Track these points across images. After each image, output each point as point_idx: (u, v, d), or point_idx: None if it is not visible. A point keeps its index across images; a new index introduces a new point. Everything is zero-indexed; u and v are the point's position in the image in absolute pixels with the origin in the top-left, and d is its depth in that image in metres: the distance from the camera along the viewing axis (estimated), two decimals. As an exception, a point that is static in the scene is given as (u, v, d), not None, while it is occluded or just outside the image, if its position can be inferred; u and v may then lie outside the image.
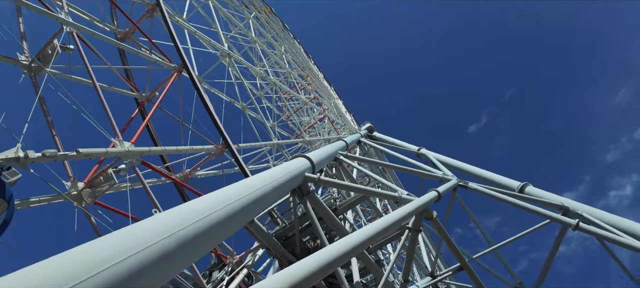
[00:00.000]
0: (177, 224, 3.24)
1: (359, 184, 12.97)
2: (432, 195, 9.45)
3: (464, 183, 14.00)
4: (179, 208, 3.68)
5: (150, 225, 3.09)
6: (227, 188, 4.76)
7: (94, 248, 2.57)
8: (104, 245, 2.64)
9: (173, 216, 3.40)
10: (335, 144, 14.39)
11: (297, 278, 3.42)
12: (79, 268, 2.28)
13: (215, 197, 4.23)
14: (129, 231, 2.94)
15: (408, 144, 25.39)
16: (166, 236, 2.99)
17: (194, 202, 4.05)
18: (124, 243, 2.65)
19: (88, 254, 2.45)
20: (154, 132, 9.48)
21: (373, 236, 5.32)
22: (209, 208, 3.82)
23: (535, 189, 15.95)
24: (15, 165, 6.09)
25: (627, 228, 11.72)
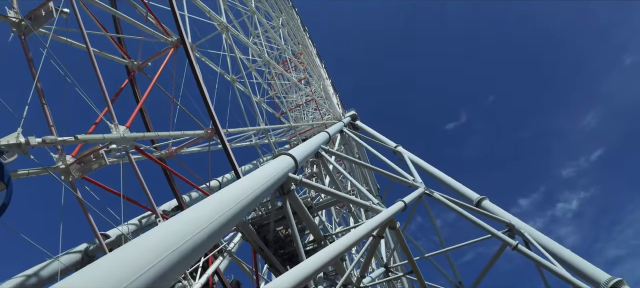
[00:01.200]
0: (181, 238, 3.74)
1: (337, 180, 13.81)
2: (399, 205, 10.46)
3: (429, 193, 15.29)
4: (181, 220, 4.17)
5: (157, 242, 3.56)
6: (223, 195, 5.28)
7: (103, 271, 3.02)
8: (114, 264, 3.10)
9: (177, 230, 3.87)
10: (318, 136, 14.94)
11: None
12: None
13: (212, 206, 4.74)
14: (136, 249, 3.39)
15: (387, 139, 26.54)
16: (172, 251, 3.51)
17: (194, 211, 4.52)
18: (135, 262, 3.13)
19: (97, 278, 2.90)
20: (147, 116, 9.42)
21: (345, 248, 6.15)
22: (208, 218, 4.35)
23: (490, 204, 17.70)
24: (17, 150, 6.09)
25: (561, 255, 13.59)
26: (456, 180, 20.48)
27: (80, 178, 7.28)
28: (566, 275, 11.80)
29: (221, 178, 17.25)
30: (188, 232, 3.91)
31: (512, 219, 16.20)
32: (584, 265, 13.44)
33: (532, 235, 15.27)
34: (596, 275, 12.78)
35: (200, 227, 4.15)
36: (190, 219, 4.23)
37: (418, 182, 15.98)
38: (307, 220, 8.97)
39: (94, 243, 9.54)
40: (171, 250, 3.53)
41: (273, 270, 10.20)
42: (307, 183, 8.65)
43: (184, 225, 4.04)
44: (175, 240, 3.66)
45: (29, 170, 6.66)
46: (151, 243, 3.50)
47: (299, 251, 8.34)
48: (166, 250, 3.48)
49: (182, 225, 4.03)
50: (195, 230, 4.04)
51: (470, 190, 18.83)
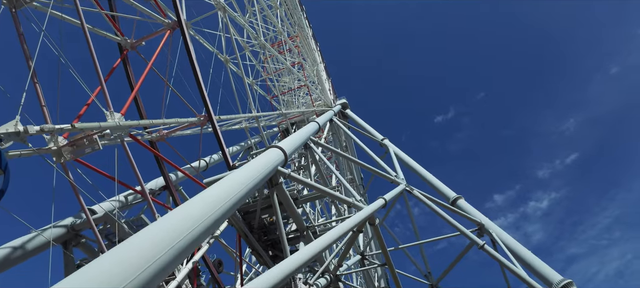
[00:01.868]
0: (178, 235, 4.05)
1: (323, 171, 14.28)
2: (379, 202, 11.07)
3: (409, 190, 16.07)
4: (177, 217, 4.46)
5: (154, 242, 3.84)
6: (216, 191, 5.57)
7: (103, 270, 3.29)
8: (112, 264, 3.37)
9: (174, 228, 4.17)
10: (308, 127, 15.21)
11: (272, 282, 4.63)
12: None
13: (207, 202, 5.03)
14: (134, 249, 3.64)
15: (374, 131, 27.14)
16: (169, 249, 3.83)
17: (189, 208, 4.80)
18: (133, 261, 3.42)
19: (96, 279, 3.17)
20: (141, 103, 9.29)
21: (328, 245, 6.66)
22: (203, 215, 4.67)
23: (464, 203, 18.77)
24: (15, 139, 6.02)
25: (522, 256, 14.76)
26: (436, 177, 21.55)
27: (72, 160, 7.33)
28: (524, 275, 12.97)
29: (208, 158, 17.40)
30: (184, 229, 4.23)
31: (482, 219, 17.31)
32: (541, 266, 14.65)
33: (499, 235, 16.44)
34: (550, 276, 13.97)
35: (196, 223, 4.47)
36: (186, 216, 4.53)
37: (400, 178, 16.70)
38: (292, 211, 9.42)
39: (80, 217, 9.69)
40: (168, 248, 3.85)
41: (255, 254, 10.70)
42: (295, 178, 9.02)
43: (180, 223, 4.34)
44: (172, 238, 3.97)
45: (21, 152, 6.64)
46: (148, 243, 3.79)
47: (282, 240, 8.83)
48: (163, 249, 3.79)
49: (179, 223, 4.34)
50: (191, 226, 4.35)
51: (448, 188, 19.85)
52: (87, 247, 9.92)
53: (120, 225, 9.62)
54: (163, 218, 4.47)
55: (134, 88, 8.93)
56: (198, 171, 12.16)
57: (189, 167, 12.64)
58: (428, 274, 18.37)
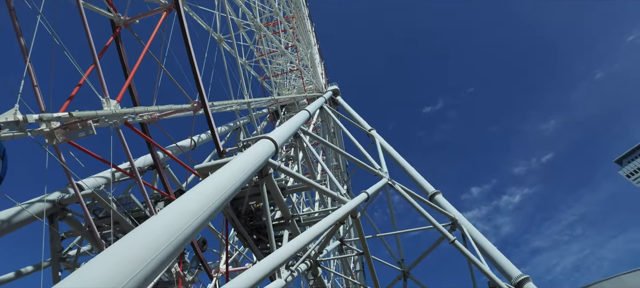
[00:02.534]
0: (176, 230, 4.35)
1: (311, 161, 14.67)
2: (362, 197, 11.66)
3: (391, 183, 16.82)
4: (175, 211, 4.73)
5: (155, 235, 4.13)
6: (210, 184, 5.85)
7: (113, 266, 3.56)
8: (124, 257, 3.65)
9: (172, 223, 4.45)
10: (298, 116, 15.43)
11: (259, 275, 5.06)
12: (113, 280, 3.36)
13: (203, 196, 5.31)
14: (131, 248, 3.90)
15: (363, 120, 27.65)
16: (166, 246, 4.12)
17: (187, 203, 5.07)
18: (140, 256, 3.72)
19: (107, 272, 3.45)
20: (135, 90, 9.08)
21: (312, 238, 7.16)
22: (199, 209, 4.97)
23: (441, 199, 19.78)
24: (15, 128, 5.90)
25: (488, 251, 15.95)
26: (417, 170, 22.49)
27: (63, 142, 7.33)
28: (487, 270, 14.14)
29: (196, 138, 17.41)
30: (183, 224, 4.53)
31: (456, 215, 18.37)
32: (504, 261, 15.89)
33: (470, 231, 17.58)
34: (510, 271, 15.20)
35: (193, 217, 4.77)
36: (183, 211, 4.81)
37: (383, 171, 17.40)
38: (279, 201, 9.84)
39: (67, 192, 9.74)
40: (168, 243, 4.16)
41: (240, 237, 11.15)
42: (284, 170, 9.36)
43: (178, 218, 4.63)
44: (171, 233, 4.27)
45: (14, 133, 6.58)
46: (149, 238, 4.06)
47: (268, 228, 9.28)
48: (164, 243, 4.09)
49: (177, 218, 4.62)
50: (189, 221, 4.66)
51: (427, 183, 20.81)
52: (73, 221, 10.05)
53: (107, 202, 9.77)
54: (161, 213, 4.72)
55: (129, 75, 8.81)
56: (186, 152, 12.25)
57: (175, 147, 12.71)
58: (401, 261, 19.65)
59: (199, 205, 5.12)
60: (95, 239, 10.23)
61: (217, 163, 9.13)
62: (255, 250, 11.05)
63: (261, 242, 11.61)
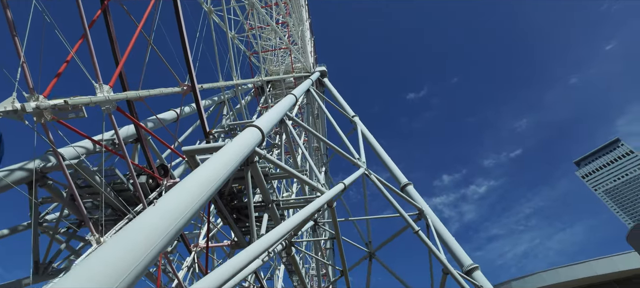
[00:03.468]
0: (175, 220, 4.79)
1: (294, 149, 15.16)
2: (340, 187, 12.45)
3: (368, 173, 17.81)
4: (172, 203, 5.13)
5: (155, 226, 4.57)
6: (202, 175, 6.24)
7: (117, 258, 3.99)
8: (123, 252, 4.07)
9: (171, 214, 4.86)
10: (284, 102, 15.65)
11: (247, 259, 5.69)
12: (116, 271, 3.80)
13: (195, 187, 5.73)
14: (139, 236, 4.34)
15: (347, 105, 28.28)
16: (167, 233, 4.58)
17: (182, 194, 5.45)
18: (138, 249, 4.15)
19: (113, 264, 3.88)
20: (126, 78, 8.75)
21: (292, 227, 7.86)
22: (193, 199, 5.41)
23: (412, 190, 21.19)
24: (13, 117, 5.71)
25: (447, 241, 17.59)
26: (393, 160, 23.73)
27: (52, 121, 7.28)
28: (443, 259, 15.76)
29: (178, 110, 17.25)
30: (178, 216, 4.96)
31: (423, 206, 19.87)
32: (459, 251, 17.60)
33: (433, 222, 19.15)
34: (463, 260, 16.94)
35: (186, 208, 5.22)
36: (179, 203, 5.22)
37: (361, 161, 18.30)
38: (262, 187, 10.39)
39: (47, 159, 9.70)
40: (165, 234, 4.63)
41: (221, 215, 11.70)
42: (269, 159, 9.83)
43: (174, 210, 5.04)
44: (168, 225, 4.73)
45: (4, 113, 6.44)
46: (146, 232, 4.50)
47: (250, 212, 9.87)
48: (159, 236, 4.54)
49: (173, 210, 5.03)
50: (183, 212, 5.10)
51: (401, 174, 22.12)
52: (52, 188, 10.08)
53: (89, 171, 9.86)
54: (160, 205, 5.10)
55: (121, 60, 8.62)
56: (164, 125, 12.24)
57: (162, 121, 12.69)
58: (368, 243, 21.27)
59: (192, 196, 5.58)
60: (76, 207, 10.38)
61: (205, 148, 9.46)
62: (234, 229, 11.68)
63: (240, 221, 12.24)
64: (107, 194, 9.78)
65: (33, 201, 9.00)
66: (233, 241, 12.25)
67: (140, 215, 4.82)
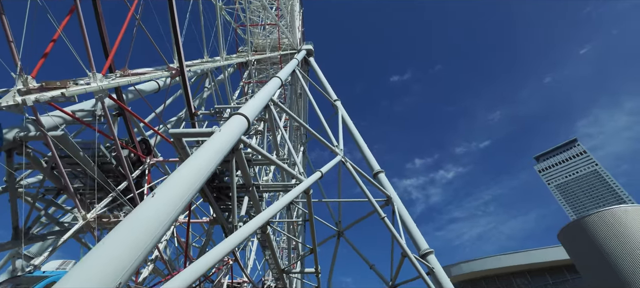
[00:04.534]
0: (171, 210, 5.34)
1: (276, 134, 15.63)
2: (317, 175, 13.34)
3: (344, 161, 18.85)
4: (169, 194, 5.65)
5: (154, 216, 5.14)
6: (193, 167, 6.74)
7: (115, 256, 4.54)
8: (125, 248, 4.63)
9: (166, 205, 5.41)
10: (270, 86, 15.87)
11: (234, 243, 6.47)
12: (117, 269, 4.39)
13: (187, 178, 6.26)
14: (131, 232, 4.87)
15: (330, 89, 28.79)
16: (164, 222, 5.17)
17: (176, 186, 5.97)
18: (141, 243, 4.74)
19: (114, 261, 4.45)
20: (113, 62, 8.40)
21: (273, 214, 8.69)
22: (186, 190, 5.98)
23: (383, 177, 22.68)
24: (15, 111, 5.55)
25: (410, 229, 19.33)
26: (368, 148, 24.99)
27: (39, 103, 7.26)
28: (403, 244, 17.53)
29: (161, 82, 16.96)
30: (174, 206, 5.56)
31: (391, 193, 21.46)
32: (418, 236, 19.45)
33: (399, 208, 20.85)
34: (421, 245, 18.81)
35: (180, 200, 5.79)
36: (174, 194, 5.78)
37: (339, 149, 19.25)
38: (244, 172, 10.99)
39: (27, 129, 9.63)
40: (162, 224, 5.23)
41: (202, 194, 12.26)
42: (254, 148, 10.38)
43: (170, 200, 5.60)
44: (165, 215, 5.31)
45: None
46: (146, 222, 5.09)
47: (232, 193, 10.53)
48: (158, 226, 5.17)
49: (169, 201, 5.58)
50: (177, 204, 5.68)
51: (375, 161, 23.48)
52: (31, 156, 10.06)
53: (72, 145, 9.94)
54: (158, 195, 5.59)
55: (112, 49, 8.45)
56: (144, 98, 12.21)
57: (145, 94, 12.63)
58: (338, 223, 22.87)
59: (188, 184, 6.16)
60: (55, 176, 10.50)
61: (192, 132, 9.84)
62: (214, 206, 12.34)
63: (219, 199, 12.90)
64: (89, 163, 9.95)
65: (9, 169, 9.05)
66: (212, 217, 12.92)
67: (141, 207, 5.36)
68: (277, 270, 19.50)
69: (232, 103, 21.58)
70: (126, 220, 5.05)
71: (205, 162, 7.18)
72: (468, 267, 34.17)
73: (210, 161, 7.33)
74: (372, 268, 21.08)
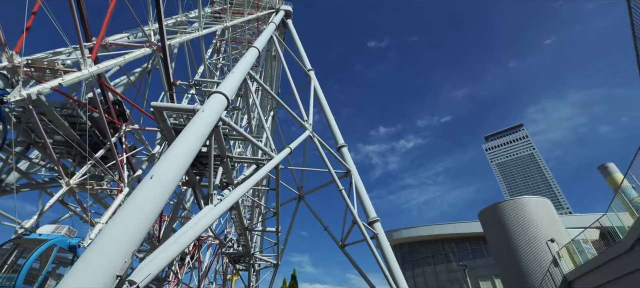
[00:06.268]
0: (166, 189, 6.46)
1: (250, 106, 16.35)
2: (286, 151, 14.73)
3: (312, 136, 20.33)
4: (167, 175, 6.67)
5: (153, 202, 6.24)
6: (182, 149, 7.72)
7: (118, 237, 5.68)
8: (125, 227, 5.78)
9: (160, 190, 6.51)
10: (247, 58, 16.19)
11: (213, 216, 7.85)
12: (107, 267, 5.54)
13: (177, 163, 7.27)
14: (117, 232, 5.96)
15: (306, 57, 29.23)
16: (161, 200, 6.32)
17: (173, 165, 6.96)
18: (141, 222, 5.90)
19: (118, 242, 5.59)
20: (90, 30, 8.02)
21: (248, 189, 10.07)
22: (176, 174, 7.05)
23: (345, 151, 24.78)
24: (22, 103, 5.43)
25: (363, 200, 21.95)
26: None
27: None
28: (355, 213, 20.21)
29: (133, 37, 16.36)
30: (169, 185, 6.70)
31: (351, 167, 23.74)
32: (369, 206, 22.20)
33: (356, 181, 23.35)
34: (370, 213, 21.59)
35: (174, 179, 6.96)
36: (169, 174, 6.84)
37: (309, 123, 20.58)
38: (221, 145, 11.98)
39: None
40: (159, 203, 6.42)
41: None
42: (233, 126, 11.30)
43: (165, 181, 6.70)
44: (162, 195, 6.46)
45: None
46: (147, 202, 6.25)
47: (209, 166, 11.59)
48: (156, 205, 6.34)
49: (165, 181, 6.68)
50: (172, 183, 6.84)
51: (340, 135, 25.33)
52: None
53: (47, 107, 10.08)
54: (156, 177, 6.64)
55: (99, 34, 8.29)
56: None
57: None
58: (300, 188, 25.07)
59: (180, 164, 7.24)
60: (24, 130, 10.64)
61: (174, 107, 10.49)
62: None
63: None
64: (65, 127, 10.24)
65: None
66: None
67: (141, 190, 6.41)
68: (241, 227, 21.39)
69: (205, 60, 21.32)
70: (130, 202, 6.14)
71: (193, 142, 8.19)
72: (407, 232, 39.79)
73: (197, 142, 8.35)
74: (326, 230, 23.91)
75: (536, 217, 23.98)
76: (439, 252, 37.91)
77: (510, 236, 24.33)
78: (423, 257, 40.08)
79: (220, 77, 28.15)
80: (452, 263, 37.70)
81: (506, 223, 25.21)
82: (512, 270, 24.33)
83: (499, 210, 26.45)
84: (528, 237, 23.25)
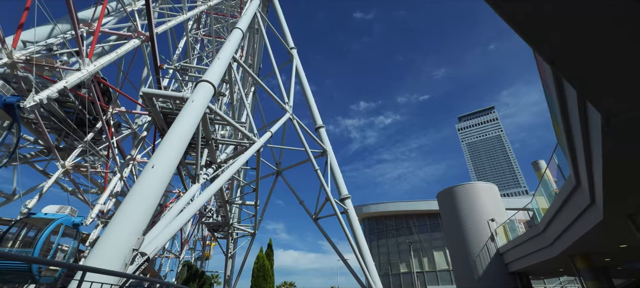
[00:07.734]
0: (165, 176, 7.61)
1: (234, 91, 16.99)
2: (267, 135, 15.89)
3: (292, 118, 21.46)
4: (165, 166, 7.77)
5: (154, 190, 7.37)
6: (177, 138, 8.75)
7: (131, 218, 6.88)
8: (129, 221, 6.95)
9: (160, 177, 7.62)
10: (232, 42, 16.60)
11: (207, 196, 9.13)
12: (126, 243, 6.72)
13: (173, 151, 8.35)
14: (130, 214, 7.14)
15: (289, 35, 29.51)
16: (159, 191, 7.47)
17: (170, 153, 8.01)
18: (135, 224, 7.07)
19: (121, 237, 6.78)
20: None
21: (234, 172, 11.31)
22: (173, 162, 8.16)
23: (323, 132, 26.27)
24: (36, 108, 5.73)
25: (337, 179, 23.86)
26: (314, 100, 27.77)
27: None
28: (328, 191, 22.13)
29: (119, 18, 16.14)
30: (166, 174, 7.86)
31: (327, 147, 25.34)
32: (341, 184, 24.18)
33: (331, 161, 25.09)
34: (342, 191, 23.58)
35: (171, 168, 8.09)
36: (168, 162, 7.98)
37: (289, 105, 21.59)
38: (206, 129, 12.96)
39: None
40: (159, 190, 7.58)
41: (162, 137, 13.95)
42: (219, 114, 12.23)
43: (165, 170, 7.85)
44: (161, 183, 7.63)
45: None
46: (148, 190, 7.42)
47: (197, 148, 12.62)
48: (157, 191, 7.51)
49: (164, 171, 7.84)
50: (170, 169, 7.98)
51: (318, 116, 26.63)
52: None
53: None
54: (157, 167, 7.76)
55: (95, 33, 8.54)
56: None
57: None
58: (278, 163, 26.56)
59: (173, 158, 8.34)
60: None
61: (164, 94, 11.23)
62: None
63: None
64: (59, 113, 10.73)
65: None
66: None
67: (145, 178, 7.53)
68: (221, 200, 22.70)
69: (189, 39, 21.26)
70: (137, 189, 7.28)
71: (186, 131, 9.25)
72: (376, 207, 43.46)
73: (189, 131, 9.39)
74: (302, 204, 25.83)
75: (483, 200, 27.65)
76: (402, 226, 42.44)
77: (459, 214, 27.96)
78: (388, 229, 44.51)
79: (200, 51, 27.85)
80: (414, 235, 42.28)
81: (457, 203, 28.69)
82: (458, 243, 28.24)
83: (453, 192, 29.80)
84: (474, 216, 26.92)
